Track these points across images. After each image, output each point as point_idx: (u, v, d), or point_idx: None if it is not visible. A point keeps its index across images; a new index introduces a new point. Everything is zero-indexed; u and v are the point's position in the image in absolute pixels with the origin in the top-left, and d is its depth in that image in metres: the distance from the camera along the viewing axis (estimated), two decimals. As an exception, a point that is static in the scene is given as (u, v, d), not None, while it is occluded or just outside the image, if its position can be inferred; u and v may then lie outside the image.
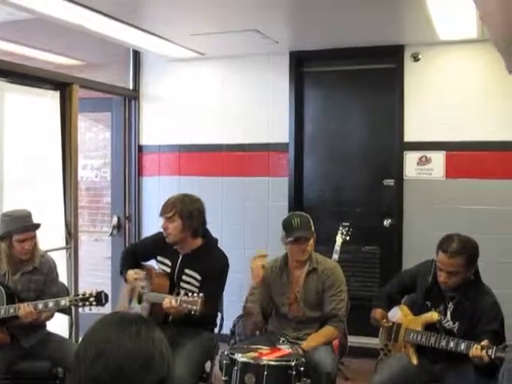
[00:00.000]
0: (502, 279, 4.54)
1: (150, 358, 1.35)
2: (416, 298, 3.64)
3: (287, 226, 3.82)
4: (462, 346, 3.19)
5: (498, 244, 4.90)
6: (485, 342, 3.11)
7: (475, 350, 3.11)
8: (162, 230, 3.90)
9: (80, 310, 3.78)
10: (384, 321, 3.63)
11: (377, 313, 3.66)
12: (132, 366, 1.32)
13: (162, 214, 3.80)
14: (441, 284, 3.39)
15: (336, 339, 3.90)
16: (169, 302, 3.49)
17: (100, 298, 3.55)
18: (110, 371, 1.31)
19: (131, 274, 3.84)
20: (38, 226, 3.75)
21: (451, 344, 3.25)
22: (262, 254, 3.70)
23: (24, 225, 3.66)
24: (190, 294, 3.48)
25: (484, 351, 3.07)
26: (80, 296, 3.57)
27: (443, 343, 3.30)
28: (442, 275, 3.34)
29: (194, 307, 3.41)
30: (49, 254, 4.03)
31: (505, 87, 4.96)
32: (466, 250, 3.30)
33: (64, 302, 3.58)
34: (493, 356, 3.05)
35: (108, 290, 3.63)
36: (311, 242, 3.81)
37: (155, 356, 1.36)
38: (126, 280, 3.90)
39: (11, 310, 3.53)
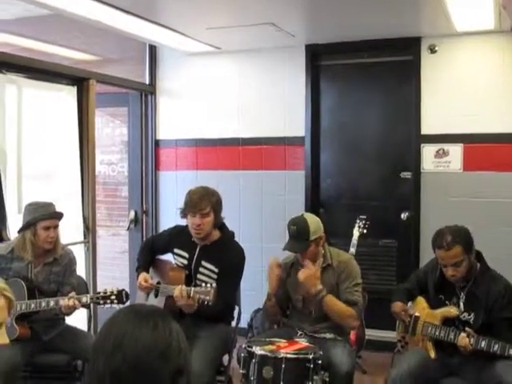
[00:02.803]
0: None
1: (167, 349, 1.36)
2: (429, 293, 3.63)
3: (288, 230, 3.70)
4: (483, 344, 3.18)
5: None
6: (469, 330, 3.20)
7: (461, 340, 3.20)
8: (178, 224, 3.92)
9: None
10: (404, 314, 3.62)
11: (397, 306, 3.64)
12: (150, 357, 1.33)
13: (197, 210, 3.71)
14: (451, 279, 3.39)
15: (353, 326, 3.83)
16: (179, 290, 3.48)
17: (121, 297, 3.60)
18: (129, 363, 1.32)
19: (140, 278, 3.86)
20: (62, 214, 3.81)
21: (471, 341, 3.22)
22: (277, 263, 3.69)
23: (50, 211, 3.72)
24: (203, 285, 3.48)
25: (467, 339, 3.15)
26: (101, 294, 3.63)
27: None
28: (448, 270, 3.35)
29: (207, 297, 3.40)
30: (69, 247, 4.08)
31: (523, 78, 4.91)
32: (459, 238, 3.32)
33: (85, 299, 3.63)
34: (474, 345, 3.14)
35: (125, 284, 3.68)
36: (312, 247, 3.65)
37: (172, 347, 1.37)
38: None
39: (32, 306, 3.56)
